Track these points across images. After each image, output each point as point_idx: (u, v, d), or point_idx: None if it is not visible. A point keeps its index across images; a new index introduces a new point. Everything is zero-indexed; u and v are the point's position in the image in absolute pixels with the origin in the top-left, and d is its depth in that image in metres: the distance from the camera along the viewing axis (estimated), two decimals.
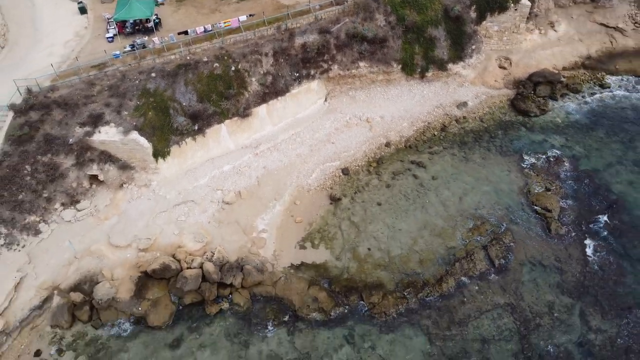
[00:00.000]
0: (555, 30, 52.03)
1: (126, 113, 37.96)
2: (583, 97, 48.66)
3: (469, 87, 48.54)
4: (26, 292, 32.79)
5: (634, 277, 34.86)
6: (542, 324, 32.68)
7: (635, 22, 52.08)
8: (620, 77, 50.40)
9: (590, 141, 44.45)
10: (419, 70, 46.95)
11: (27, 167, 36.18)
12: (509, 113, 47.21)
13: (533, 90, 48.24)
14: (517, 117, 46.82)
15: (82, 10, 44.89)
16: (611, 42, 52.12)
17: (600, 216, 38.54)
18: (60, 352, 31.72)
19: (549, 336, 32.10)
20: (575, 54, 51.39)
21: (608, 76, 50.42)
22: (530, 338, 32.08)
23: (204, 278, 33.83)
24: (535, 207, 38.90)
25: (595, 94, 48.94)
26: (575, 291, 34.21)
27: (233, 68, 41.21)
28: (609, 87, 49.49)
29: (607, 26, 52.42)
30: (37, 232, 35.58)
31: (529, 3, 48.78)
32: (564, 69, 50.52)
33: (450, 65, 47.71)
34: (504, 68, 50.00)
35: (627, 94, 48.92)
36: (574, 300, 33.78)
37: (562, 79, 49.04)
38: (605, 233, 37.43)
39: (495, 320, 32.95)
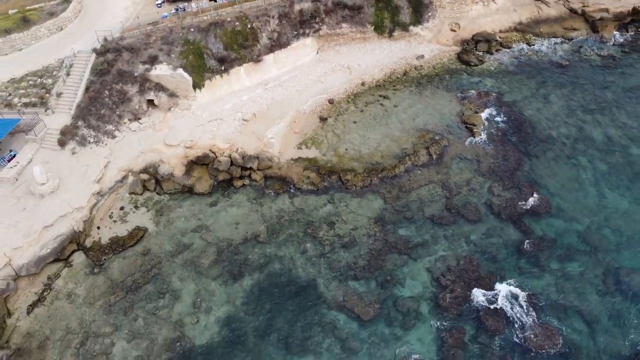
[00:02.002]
0: (495, 3, 67.44)
1: (174, 56, 53.40)
2: (513, 52, 64.14)
3: (427, 44, 63.97)
4: (111, 171, 48.21)
5: (529, 165, 50.35)
6: (461, 192, 48.21)
7: None
8: (543, 38, 65.88)
9: (513, 82, 59.97)
10: (388, 31, 62.47)
11: (106, 91, 51.62)
12: (455, 63, 62.70)
13: (475, 46, 63.73)
14: (461, 66, 62.31)
15: None
16: (538, 11, 67.55)
17: (512, 130, 54.12)
18: (136, 207, 47.25)
19: (465, 199, 47.63)
20: (510, 21, 66.82)
21: (534, 37, 65.86)
22: (453, 200, 47.60)
23: (232, 163, 49.37)
24: (466, 124, 54.44)
25: (523, 50, 64.43)
26: (486, 173, 49.75)
27: (249, 26, 56.67)
28: (534, 45, 64.94)
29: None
30: (114, 137, 50.99)
31: None
32: (500, 31, 65.93)
33: (412, 28, 63.21)
34: (454, 31, 65.43)
35: (546, 50, 64.42)
36: (485, 179, 49.31)
37: (498, 39, 64.51)
38: (514, 139, 52.94)
39: (430, 190, 48.46)
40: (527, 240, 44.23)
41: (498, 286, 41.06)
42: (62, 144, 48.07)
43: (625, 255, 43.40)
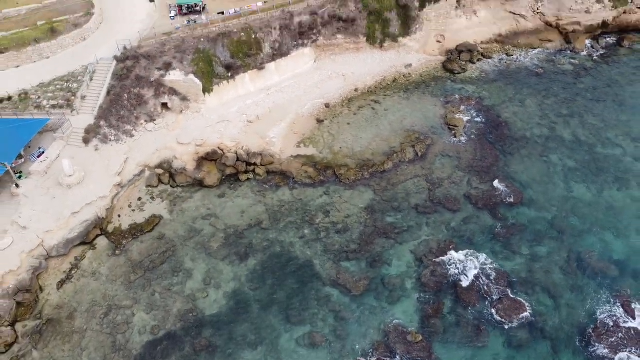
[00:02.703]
0: (477, 16, 73.73)
1: (186, 63, 59.28)
2: (493, 61, 70.30)
3: (414, 54, 70.07)
4: (130, 166, 53.81)
5: (504, 162, 56.15)
6: (443, 185, 53.95)
7: (534, 11, 73.92)
8: (520, 49, 72.10)
9: (493, 88, 66.01)
10: (379, 41, 68.58)
11: (125, 95, 57.35)
12: (440, 71, 68.77)
13: (458, 56, 69.86)
14: (445, 74, 68.38)
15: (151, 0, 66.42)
16: (516, 24, 73.85)
17: (490, 130, 60.00)
18: (152, 198, 52.85)
19: (446, 191, 53.35)
20: (491, 33, 73.05)
21: (513, 48, 72.07)
22: (435, 192, 53.30)
23: (238, 159, 55.10)
24: (449, 125, 60.33)
25: (503, 59, 70.59)
26: (466, 169, 55.53)
27: (253, 36, 62.68)
28: (513, 55, 71.12)
29: (514, 13, 74.21)
30: (132, 136, 56.60)
31: None
32: (482, 42, 72.12)
33: (400, 39, 69.32)
34: (439, 42, 71.60)
35: (524, 60, 70.59)
36: (464, 174, 55.09)
37: (479, 49, 70.66)
38: (492, 139, 58.84)
39: (415, 183, 54.20)
40: (501, 227, 49.92)
41: (473, 265, 46.62)
42: (86, 141, 53.73)
43: (588, 240, 49.18)
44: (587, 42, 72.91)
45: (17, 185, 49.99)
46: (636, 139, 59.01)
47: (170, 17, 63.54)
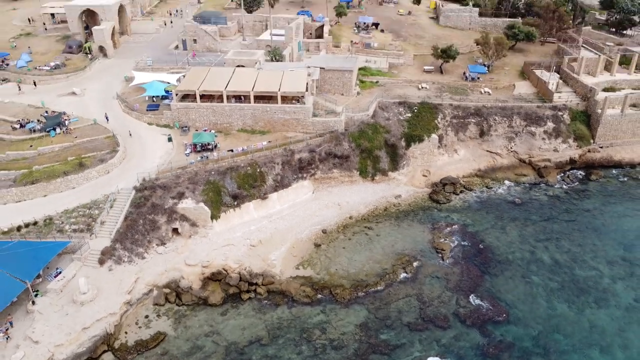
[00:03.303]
0: (458, 154, 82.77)
1: (197, 192, 66.11)
2: (475, 193, 77.51)
3: (403, 186, 77.53)
4: (139, 285, 57.66)
5: (490, 282, 60.17)
6: (433, 304, 57.34)
7: (508, 149, 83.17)
8: (499, 182, 79.87)
9: (476, 216, 72.22)
10: (371, 175, 76.45)
11: (140, 220, 63.22)
12: (427, 201, 75.59)
13: (443, 188, 77.20)
14: (432, 203, 75.10)
15: (169, 139, 75.42)
16: (494, 161, 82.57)
17: (474, 254, 64.87)
18: (158, 316, 55.83)
19: (436, 309, 56.57)
20: (471, 168, 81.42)
21: (492, 181, 79.83)
22: (426, 310, 56.52)
23: (241, 279, 59.15)
24: (436, 249, 65.35)
25: (483, 191, 77.91)
26: (454, 289, 59.33)
27: (258, 170, 70.46)
28: (492, 187, 78.62)
29: (491, 152, 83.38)
30: (143, 257, 61.24)
31: (437, 137, 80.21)
32: (464, 176, 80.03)
33: (390, 173, 77.32)
34: (425, 176, 79.55)
35: (502, 191, 77.95)
36: (452, 293, 58.77)
37: (462, 182, 78.30)
38: (477, 261, 63.45)
39: (406, 302, 57.60)
40: (489, 344, 52.45)
41: None
42: (101, 262, 58.23)
43: (573, 357, 51.45)
44: (559, 176, 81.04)
45: (33, 303, 53.44)
46: (611, 262, 63.67)
47: (186, 153, 71.88)
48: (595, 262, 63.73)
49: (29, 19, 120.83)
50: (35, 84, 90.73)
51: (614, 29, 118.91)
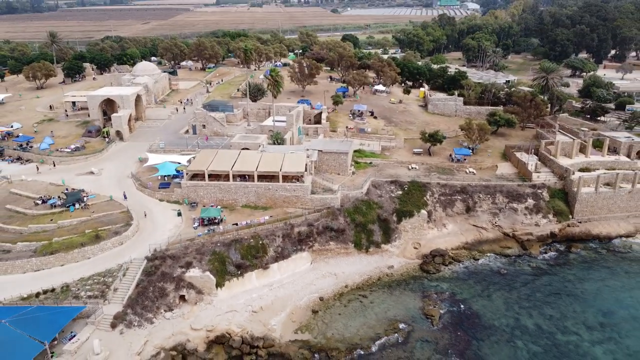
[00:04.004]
0: (446, 228, 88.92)
1: (204, 262, 71.53)
2: (463, 263, 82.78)
3: (395, 258, 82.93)
4: (148, 348, 61.51)
5: (477, 346, 64.05)
6: None
7: (493, 224, 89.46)
8: (485, 254, 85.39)
9: (464, 285, 77.05)
10: (365, 247, 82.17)
11: (150, 288, 68.11)
12: (418, 272, 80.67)
13: (432, 259, 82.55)
14: (422, 274, 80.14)
15: (179, 214, 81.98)
16: (480, 234, 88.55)
17: (462, 320, 69.11)
18: None
19: None
20: (459, 241, 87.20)
21: (478, 253, 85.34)
22: None
23: (243, 342, 63.12)
24: (427, 315, 69.68)
25: (471, 262, 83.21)
26: (442, 352, 63.12)
27: (260, 242, 76.33)
28: (479, 259, 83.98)
29: (477, 226, 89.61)
30: (152, 322, 65.47)
31: (426, 213, 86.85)
32: (452, 249, 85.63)
33: (383, 245, 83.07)
34: (416, 248, 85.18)
35: (488, 262, 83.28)
36: (442, 356, 62.50)
37: (450, 254, 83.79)
38: (464, 327, 67.56)
39: None
40: None
41: None
42: (113, 326, 62.51)
43: None
44: (541, 248, 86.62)
45: None
46: (591, 327, 67.84)
47: (194, 227, 78.07)
48: (576, 327, 67.83)
49: (50, 106, 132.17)
50: (54, 164, 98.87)
51: (589, 115, 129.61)
